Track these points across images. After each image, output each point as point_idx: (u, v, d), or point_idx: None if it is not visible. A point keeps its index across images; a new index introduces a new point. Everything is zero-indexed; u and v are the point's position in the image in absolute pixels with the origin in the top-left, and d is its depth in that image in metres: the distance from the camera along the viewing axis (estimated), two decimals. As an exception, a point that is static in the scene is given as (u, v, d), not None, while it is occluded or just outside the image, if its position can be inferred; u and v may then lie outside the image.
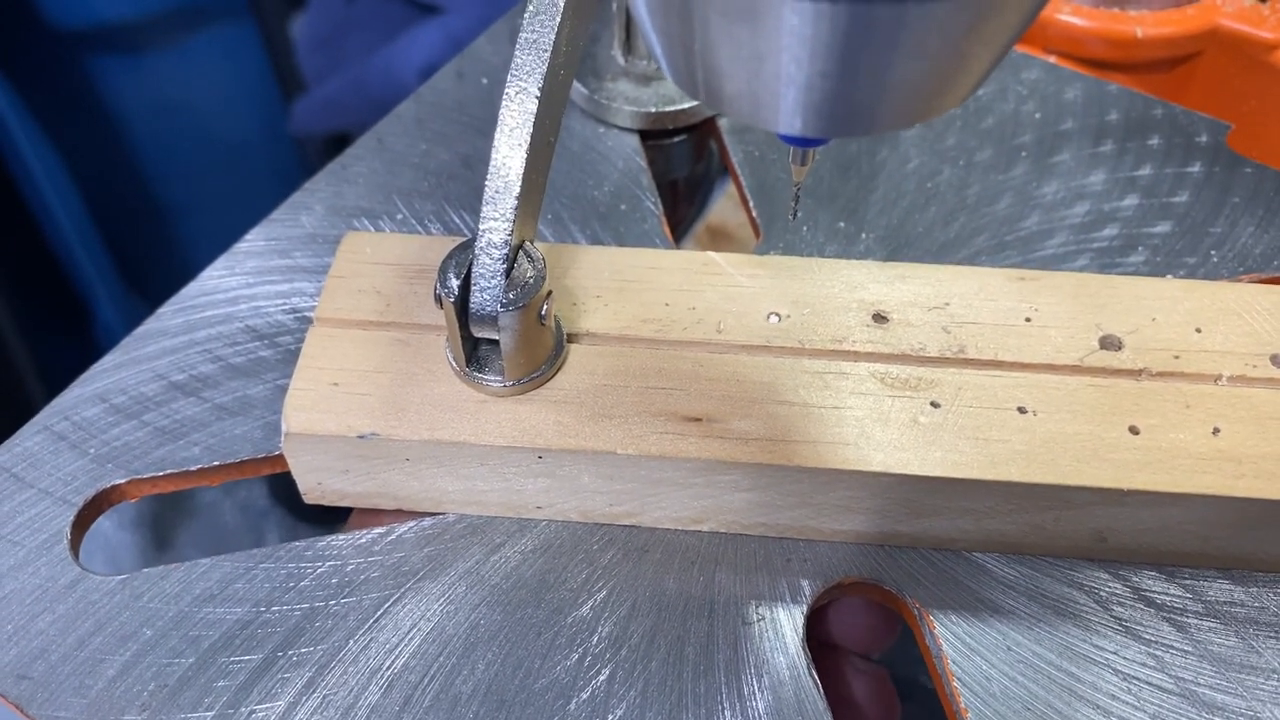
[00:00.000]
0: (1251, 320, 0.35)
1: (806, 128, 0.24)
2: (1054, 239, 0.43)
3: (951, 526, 0.34)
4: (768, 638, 0.33)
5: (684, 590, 0.34)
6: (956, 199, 0.45)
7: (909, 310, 0.36)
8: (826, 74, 0.22)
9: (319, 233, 0.44)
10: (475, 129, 0.48)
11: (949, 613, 0.34)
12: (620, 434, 0.33)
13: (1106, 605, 0.34)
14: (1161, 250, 0.43)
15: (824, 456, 0.32)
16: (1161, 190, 0.45)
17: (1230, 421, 0.33)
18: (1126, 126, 0.47)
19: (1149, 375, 0.34)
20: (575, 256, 0.37)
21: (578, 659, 0.33)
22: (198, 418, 0.38)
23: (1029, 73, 0.50)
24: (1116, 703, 0.32)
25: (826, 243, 0.44)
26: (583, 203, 0.45)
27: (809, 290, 0.36)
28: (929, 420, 0.33)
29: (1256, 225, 0.44)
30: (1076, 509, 0.33)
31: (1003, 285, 0.36)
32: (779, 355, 0.35)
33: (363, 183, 0.46)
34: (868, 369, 0.34)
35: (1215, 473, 0.32)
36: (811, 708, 0.32)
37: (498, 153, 0.32)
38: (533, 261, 0.32)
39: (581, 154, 0.47)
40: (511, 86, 0.32)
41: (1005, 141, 0.47)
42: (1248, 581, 0.34)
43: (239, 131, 1.09)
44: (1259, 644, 0.33)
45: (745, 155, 0.47)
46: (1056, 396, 0.33)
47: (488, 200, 0.32)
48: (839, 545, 0.35)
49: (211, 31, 1.02)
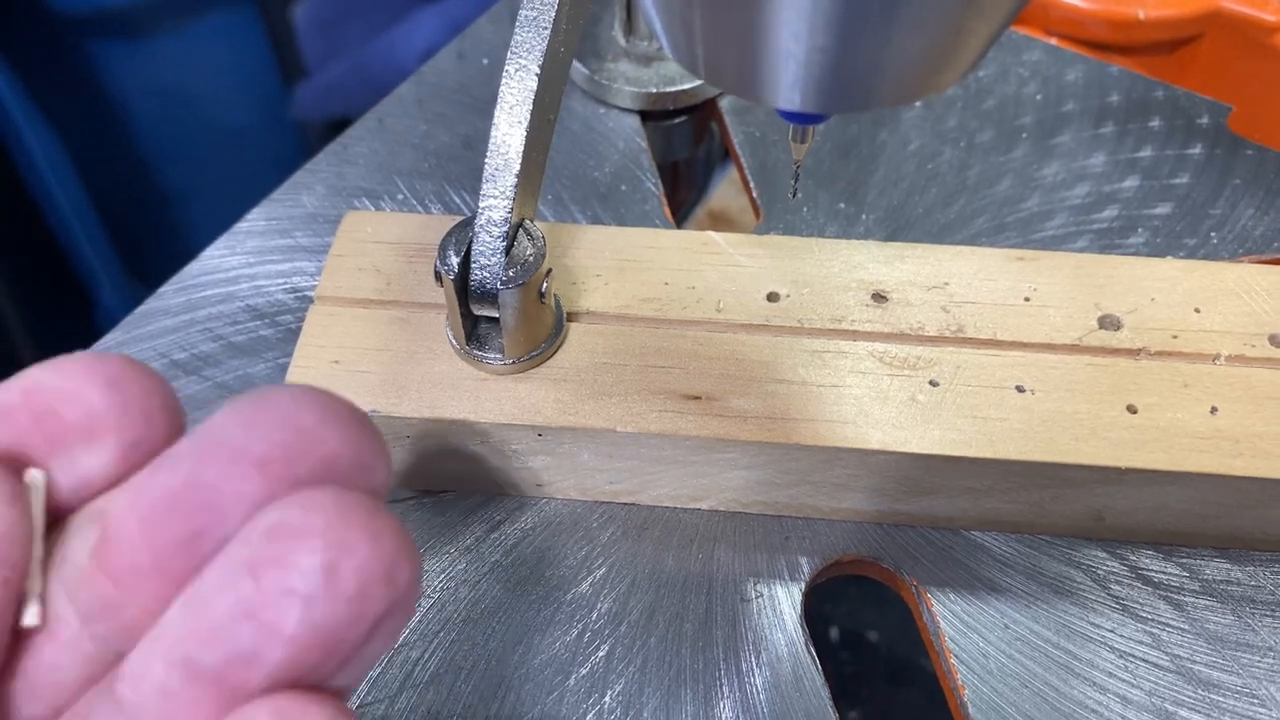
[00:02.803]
0: (1250, 300, 0.35)
1: (806, 103, 0.24)
2: (1054, 220, 0.43)
3: (949, 505, 0.34)
4: (766, 615, 0.33)
5: (683, 567, 0.34)
6: (957, 180, 0.45)
7: (908, 290, 0.36)
8: (825, 48, 0.22)
9: (320, 212, 0.44)
10: (476, 109, 0.48)
11: (947, 591, 0.34)
12: (620, 412, 0.33)
13: (1104, 583, 0.34)
14: (1162, 232, 0.43)
15: (823, 435, 0.32)
16: (1162, 172, 0.45)
17: (1228, 401, 0.33)
18: (1127, 108, 0.47)
19: (1147, 355, 0.34)
20: (575, 236, 0.37)
21: (577, 635, 0.33)
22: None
23: (1030, 54, 0.50)
24: (1113, 680, 0.32)
25: (827, 223, 0.44)
26: (583, 183, 0.45)
27: (808, 270, 0.36)
28: (927, 399, 0.33)
29: (1257, 207, 0.44)
30: (1074, 487, 0.33)
31: (1002, 265, 0.36)
32: (778, 334, 0.35)
33: (363, 163, 0.46)
34: (867, 348, 0.34)
35: (1213, 452, 0.32)
36: (809, 684, 0.32)
37: (497, 130, 0.32)
38: (532, 240, 0.32)
39: (582, 134, 0.47)
40: (511, 64, 0.32)
41: (1006, 123, 0.47)
42: (1244, 560, 0.34)
43: (240, 117, 1.09)
44: (1255, 622, 0.33)
45: (746, 136, 0.47)
46: (1055, 375, 0.34)
47: (487, 178, 0.32)
48: (837, 523, 0.35)
49: (213, 16, 1.02)
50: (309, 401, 0.17)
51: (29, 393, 0.19)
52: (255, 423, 0.17)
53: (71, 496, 0.19)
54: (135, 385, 0.19)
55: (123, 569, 0.17)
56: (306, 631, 0.16)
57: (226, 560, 0.16)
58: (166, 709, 0.16)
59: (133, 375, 0.19)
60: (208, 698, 0.16)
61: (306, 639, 0.16)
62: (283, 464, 0.17)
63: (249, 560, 0.16)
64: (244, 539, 0.16)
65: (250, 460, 0.17)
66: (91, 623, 0.18)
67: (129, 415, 0.19)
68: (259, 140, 1.11)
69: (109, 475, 0.19)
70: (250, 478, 0.17)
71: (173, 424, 0.20)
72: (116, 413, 0.19)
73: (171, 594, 0.17)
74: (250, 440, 0.17)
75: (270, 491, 0.17)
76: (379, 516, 0.17)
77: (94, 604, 0.18)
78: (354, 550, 0.16)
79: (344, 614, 0.16)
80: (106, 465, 0.19)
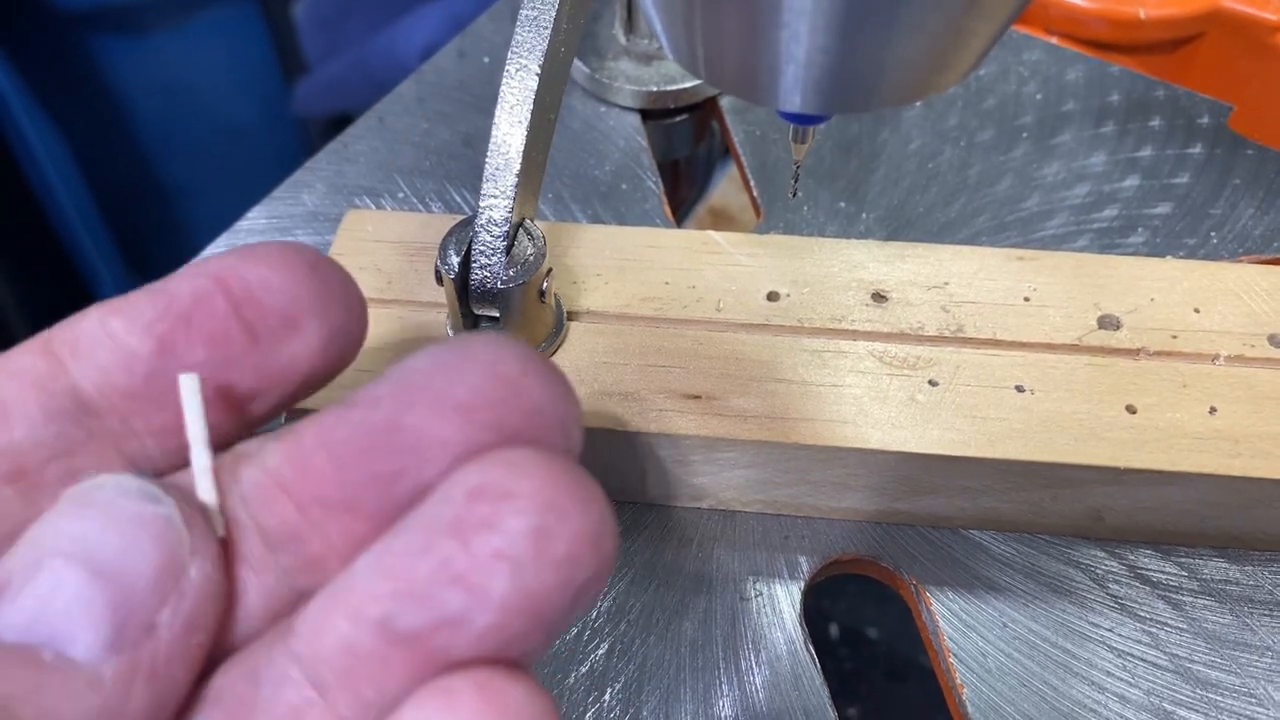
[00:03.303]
0: (1250, 301, 0.35)
1: (806, 104, 0.24)
2: (1054, 220, 0.43)
3: (949, 504, 0.34)
4: (765, 613, 0.33)
5: (682, 566, 0.34)
6: (957, 179, 0.45)
7: (908, 289, 0.36)
8: (826, 49, 0.22)
9: (320, 211, 0.44)
10: (476, 108, 0.48)
11: (946, 590, 0.34)
12: (620, 411, 0.33)
13: (1103, 583, 0.34)
14: (1162, 231, 0.43)
15: (822, 434, 0.32)
16: (1162, 171, 0.45)
17: (1227, 401, 0.33)
18: (1128, 108, 0.47)
19: (1147, 354, 0.34)
20: (575, 235, 0.37)
21: (576, 633, 0.33)
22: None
23: (1031, 54, 0.50)
24: (1112, 679, 0.32)
25: (827, 222, 0.44)
26: (584, 182, 0.45)
27: (808, 269, 0.36)
28: (927, 398, 0.33)
29: (1257, 207, 0.44)
30: (1073, 487, 0.33)
31: (1002, 265, 0.36)
32: (778, 334, 0.35)
33: (364, 161, 0.46)
34: (866, 347, 0.34)
35: (1212, 452, 0.32)
36: (808, 682, 0.32)
37: (498, 129, 0.32)
38: (533, 239, 0.33)
39: (582, 133, 0.47)
40: (512, 63, 0.32)
41: (1006, 122, 0.47)
42: (1243, 560, 0.34)
43: (241, 113, 1.09)
44: (1253, 621, 0.33)
45: (746, 135, 0.47)
46: (1054, 375, 0.34)
47: (488, 177, 0.32)
48: (836, 522, 0.35)
49: (214, 12, 1.02)
50: (511, 352, 0.17)
51: (222, 280, 0.18)
52: (458, 369, 0.16)
53: (269, 389, 0.18)
54: (334, 273, 0.18)
55: (308, 498, 0.17)
56: (515, 597, 0.15)
57: (426, 519, 0.16)
58: (352, 667, 0.16)
59: (329, 263, 0.18)
60: (401, 661, 0.15)
61: (515, 605, 0.15)
62: (486, 412, 0.16)
63: (454, 521, 0.15)
64: (445, 499, 0.16)
65: (454, 406, 0.16)
66: (275, 550, 0.17)
67: (331, 302, 0.18)
68: (260, 136, 1.11)
69: (310, 366, 0.18)
70: (454, 423, 0.16)
71: (364, 318, 0.19)
72: (319, 299, 0.18)
73: (361, 534, 0.16)
74: (453, 386, 0.16)
75: (473, 439, 0.16)
76: (587, 481, 0.16)
77: (279, 528, 0.17)
78: (565, 515, 0.15)
79: (552, 581, 0.15)
80: (308, 353, 0.18)
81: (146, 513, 0.16)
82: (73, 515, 0.16)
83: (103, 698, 0.15)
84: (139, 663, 0.16)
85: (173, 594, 0.16)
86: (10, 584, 0.16)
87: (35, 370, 0.18)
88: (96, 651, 0.15)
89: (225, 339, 0.18)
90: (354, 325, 0.18)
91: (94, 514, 0.16)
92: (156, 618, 0.16)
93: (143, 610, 0.16)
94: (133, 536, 0.16)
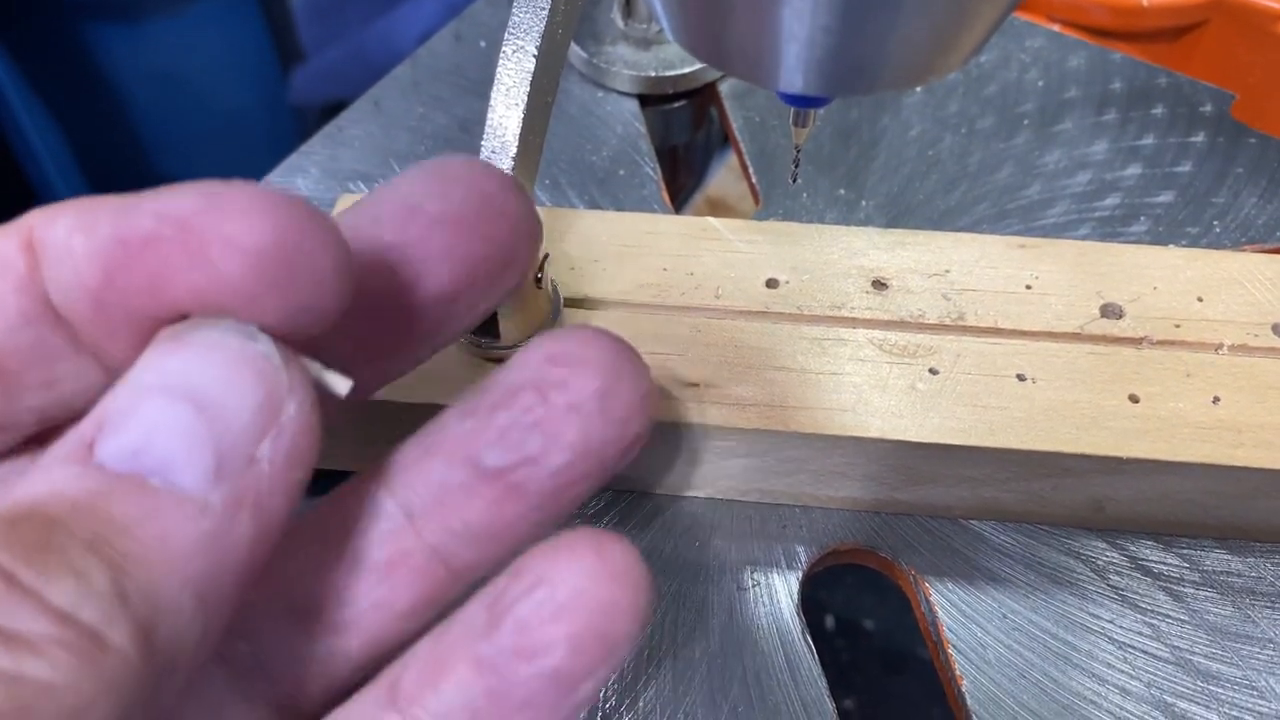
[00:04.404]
0: (1253, 290, 0.35)
1: (808, 86, 0.23)
2: (1056, 208, 0.43)
3: (948, 494, 0.34)
4: (763, 603, 0.33)
5: (679, 555, 0.34)
6: (958, 167, 0.45)
7: (909, 277, 0.36)
8: (829, 29, 0.21)
9: (314, 196, 0.43)
10: (472, 92, 0.48)
11: (945, 580, 0.33)
12: (616, 398, 0.32)
13: (1103, 574, 0.34)
14: (1164, 220, 0.43)
15: (821, 422, 0.32)
16: (1164, 160, 0.45)
17: (1230, 390, 0.33)
18: (1130, 95, 0.47)
19: (1149, 343, 0.34)
20: (573, 221, 0.37)
21: (572, 623, 0.32)
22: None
23: (1032, 40, 0.50)
24: (1112, 671, 0.32)
25: (826, 209, 0.43)
26: (581, 168, 0.45)
27: (808, 256, 0.36)
28: (927, 387, 0.33)
29: (1260, 196, 0.43)
30: (1075, 477, 0.32)
31: (1003, 252, 0.36)
32: (777, 321, 0.34)
33: (358, 146, 0.45)
34: (866, 335, 0.34)
35: (1214, 441, 0.32)
36: (805, 673, 0.32)
37: (494, 112, 0.31)
38: (529, 224, 0.32)
39: (580, 118, 0.47)
40: (509, 45, 0.31)
41: (1008, 109, 0.47)
42: (1245, 551, 0.34)
43: (238, 101, 1.09)
44: (1255, 613, 0.33)
45: (745, 121, 0.47)
46: (1056, 364, 0.33)
47: (483, 160, 0.31)
48: (835, 512, 0.35)
49: (210, 0, 1.01)
50: (486, 170, 0.20)
51: (184, 225, 0.17)
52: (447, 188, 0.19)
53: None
54: (314, 239, 0.17)
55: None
56: (583, 442, 0.19)
57: (508, 379, 0.19)
58: (442, 499, 0.19)
59: (311, 229, 0.17)
60: (485, 494, 0.19)
61: (583, 448, 0.19)
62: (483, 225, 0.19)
63: (534, 380, 0.19)
64: (522, 364, 0.19)
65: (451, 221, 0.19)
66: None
67: (299, 281, 0.17)
68: (256, 124, 1.11)
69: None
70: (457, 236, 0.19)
71: (345, 285, 0.18)
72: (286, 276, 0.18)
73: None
74: (449, 204, 0.19)
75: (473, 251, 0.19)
76: (636, 357, 0.19)
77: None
78: (623, 380, 0.19)
79: (611, 435, 0.19)
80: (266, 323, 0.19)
81: (248, 350, 0.17)
82: (172, 353, 0.16)
83: (213, 524, 0.16)
84: (243, 493, 0.16)
85: (273, 428, 0.16)
86: (111, 419, 0.16)
87: (15, 269, 0.18)
88: (203, 481, 0.16)
89: (171, 291, 0.17)
90: (325, 299, 0.17)
91: (194, 351, 0.16)
92: (257, 451, 0.16)
93: (245, 443, 0.16)
94: (234, 371, 0.16)
